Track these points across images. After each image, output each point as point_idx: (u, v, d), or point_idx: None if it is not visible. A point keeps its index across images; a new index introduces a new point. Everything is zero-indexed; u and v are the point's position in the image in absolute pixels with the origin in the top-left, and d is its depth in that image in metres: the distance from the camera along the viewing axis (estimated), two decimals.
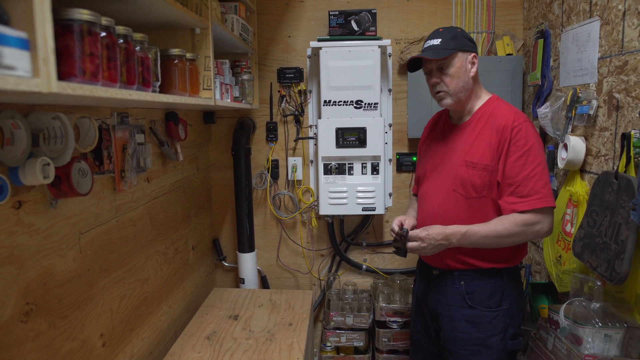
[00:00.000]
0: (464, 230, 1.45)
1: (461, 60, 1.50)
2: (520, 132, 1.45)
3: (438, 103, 1.57)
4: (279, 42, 2.44)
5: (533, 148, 1.45)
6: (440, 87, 1.52)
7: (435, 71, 1.52)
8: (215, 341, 1.76)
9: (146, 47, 1.14)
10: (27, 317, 1.05)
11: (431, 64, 1.52)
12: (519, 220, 1.43)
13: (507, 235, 1.44)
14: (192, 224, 2.22)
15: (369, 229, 2.52)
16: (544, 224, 1.45)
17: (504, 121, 1.47)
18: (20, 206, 1.03)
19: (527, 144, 1.44)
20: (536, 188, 1.43)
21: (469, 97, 1.55)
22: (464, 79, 1.51)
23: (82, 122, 1.20)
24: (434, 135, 1.71)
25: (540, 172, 1.44)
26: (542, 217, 1.44)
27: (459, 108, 1.57)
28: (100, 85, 0.87)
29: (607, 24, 1.55)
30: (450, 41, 1.49)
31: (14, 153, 0.93)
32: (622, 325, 1.34)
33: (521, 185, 1.44)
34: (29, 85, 0.61)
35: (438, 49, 1.48)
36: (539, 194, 1.43)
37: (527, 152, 1.44)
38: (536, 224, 1.44)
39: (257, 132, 2.50)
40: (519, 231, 1.43)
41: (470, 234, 1.45)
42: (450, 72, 1.49)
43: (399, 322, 2.25)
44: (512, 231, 1.43)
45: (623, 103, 1.46)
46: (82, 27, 0.81)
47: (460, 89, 1.51)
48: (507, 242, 1.46)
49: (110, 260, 1.43)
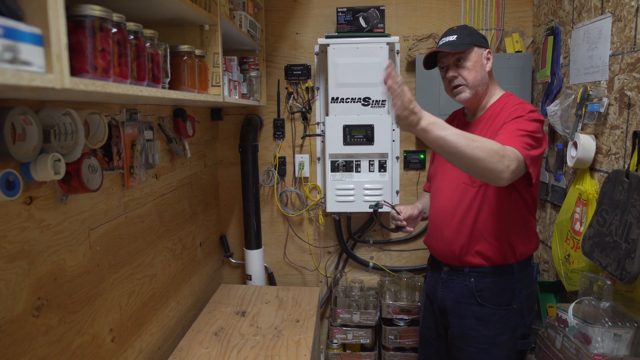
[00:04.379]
0: (440, 120, 1.26)
1: (477, 54, 1.51)
2: (522, 111, 1.43)
3: (455, 98, 1.55)
4: (287, 39, 2.44)
5: (533, 122, 1.39)
6: (458, 81, 1.52)
7: (452, 65, 1.53)
8: (223, 337, 1.76)
9: (156, 43, 1.14)
10: (38, 311, 1.06)
11: (448, 58, 1.52)
12: (497, 145, 1.27)
13: (478, 145, 1.22)
14: (199, 220, 2.22)
15: (376, 226, 2.52)
16: (512, 165, 1.27)
17: (512, 105, 1.48)
18: (31, 202, 1.04)
19: (527, 116, 1.40)
20: (519, 140, 1.33)
21: (485, 92, 1.56)
22: (482, 73, 1.52)
23: (92, 119, 1.20)
24: None
25: (528, 135, 1.35)
26: (515, 158, 1.29)
27: (475, 104, 1.57)
28: (112, 81, 0.87)
29: (619, 21, 1.54)
30: (466, 37, 1.50)
31: (25, 149, 0.94)
32: (632, 324, 1.33)
33: (504, 134, 1.36)
34: (42, 81, 0.62)
35: (455, 43, 1.49)
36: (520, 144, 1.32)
37: (523, 119, 1.40)
38: (507, 159, 1.26)
39: (264, 129, 2.51)
40: (493, 149, 1.24)
41: (446, 124, 1.25)
42: (468, 65, 1.50)
43: (406, 319, 2.24)
44: (486, 146, 1.23)
45: (635, 101, 1.44)
46: (94, 23, 0.81)
47: (478, 82, 1.51)
48: (473, 155, 1.22)
49: (119, 256, 1.44)
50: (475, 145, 1.22)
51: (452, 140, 1.21)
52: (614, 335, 1.33)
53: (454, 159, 1.26)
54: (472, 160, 1.23)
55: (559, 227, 1.82)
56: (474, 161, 1.23)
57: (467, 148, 1.21)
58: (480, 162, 1.22)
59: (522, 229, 1.54)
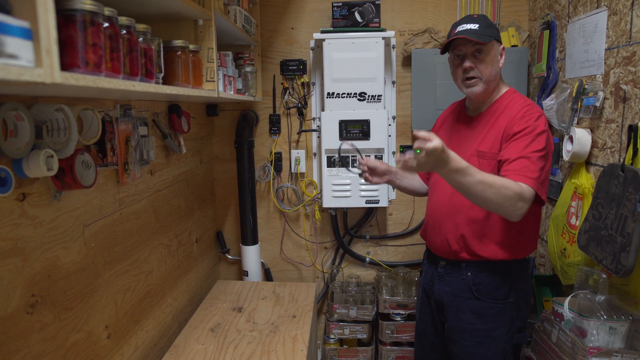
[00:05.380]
0: (466, 165, 1.29)
1: (495, 49, 1.48)
2: (530, 120, 1.42)
3: (465, 90, 1.51)
4: (282, 34, 2.43)
5: (540, 136, 1.40)
6: (474, 73, 1.48)
7: (470, 55, 1.47)
8: (220, 333, 1.76)
9: (149, 38, 1.13)
10: (32, 308, 1.05)
11: (467, 47, 1.46)
12: (515, 188, 1.31)
13: (499, 189, 1.29)
14: (195, 216, 2.22)
15: (372, 221, 2.52)
16: (525, 206, 1.33)
17: (517, 110, 1.45)
18: (24, 198, 1.03)
19: (535, 129, 1.40)
20: (530, 168, 1.36)
21: (494, 87, 1.53)
22: (496, 68, 1.49)
23: (85, 114, 1.19)
24: (448, 125, 1.69)
25: (539, 158, 1.37)
26: (529, 199, 1.34)
27: (483, 98, 1.54)
28: (104, 76, 0.86)
29: (614, 14, 1.53)
30: (487, 28, 1.45)
31: (17, 145, 0.93)
32: (627, 317, 1.34)
33: (516, 161, 1.38)
34: (32, 76, 0.61)
35: (478, 33, 1.43)
36: (532, 176, 1.35)
37: (532, 135, 1.40)
38: (522, 202, 1.32)
39: (260, 125, 2.50)
40: (508, 195, 1.30)
41: (471, 170, 1.28)
42: (487, 58, 1.46)
43: (403, 314, 2.25)
44: (504, 192, 1.29)
45: (630, 94, 1.44)
46: (85, 17, 0.80)
47: (492, 77, 1.49)
48: (490, 199, 1.30)
49: (115, 252, 1.43)
50: (492, 191, 1.29)
51: (476, 189, 1.29)
52: (609, 328, 1.34)
53: (469, 198, 1.35)
54: (487, 203, 1.33)
55: (554, 221, 1.82)
56: (489, 204, 1.33)
57: (484, 193, 1.29)
58: (495, 205, 1.32)
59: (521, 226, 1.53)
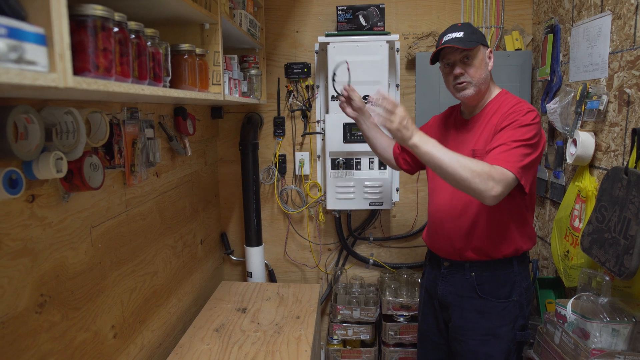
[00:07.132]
0: (435, 141, 1.37)
1: (482, 53, 1.53)
2: (518, 115, 1.44)
3: (458, 94, 1.56)
4: (287, 37, 2.44)
5: (526, 128, 1.41)
6: (464, 78, 1.53)
7: (458, 62, 1.53)
8: (224, 333, 1.78)
9: (157, 42, 1.15)
10: (41, 308, 1.07)
11: (455, 55, 1.52)
12: (485, 167, 1.33)
13: (463, 165, 1.31)
14: (200, 218, 2.23)
15: (376, 223, 2.53)
16: (496, 187, 1.32)
17: (508, 108, 1.49)
18: (33, 200, 1.05)
19: (521, 122, 1.42)
20: (509, 153, 1.37)
21: (486, 90, 1.58)
22: (485, 71, 1.54)
23: (93, 117, 1.21)
24: (444, 129, 1.71)
25: (520, 146, 1.38)
26: (502, 179, 1.34)
27: (475, 101, 1.58)
28: (114, 80, 0.87)
29: (618, 19, 1.54)
30: (472, 35, 1.51)
31: (28, 147, 0.94)
32: (630, 319, 1.34)
33: (496, 148, 1.40)
34: (46, 80, 0.62)
35: (464, 40, 1.49)
36: (509, 159, 1.36)
37: (516, 126, 1.42)
38: (492, 181, 1.32)
39: (264, 127, 2.51)
40: (477, 172, 1.31)
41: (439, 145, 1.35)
42: (475, 63, 1.51)
43: (406, 315, 2.26)
44: (471, 167, 1.31)
45: (634, 98, 1.45)
46: (96, 23, 0.82)
47: (482, 80, 1.53)
48: (457, 174, 1.32)
49: (121, 253, 1.45)
50: (460, 165, 1.32)
51: (439, 156, 1.34)
52: (612, 330, 1.34)
53: (441, 174, 1.37)
54: (457, 179, 1.33)
55: (558, 223, 1.83)
56: (458, 180, 1.33)
57: (452, 166, 1.32)
58: (464, 181, 1.32)
59: (521, 225, 1.55)
